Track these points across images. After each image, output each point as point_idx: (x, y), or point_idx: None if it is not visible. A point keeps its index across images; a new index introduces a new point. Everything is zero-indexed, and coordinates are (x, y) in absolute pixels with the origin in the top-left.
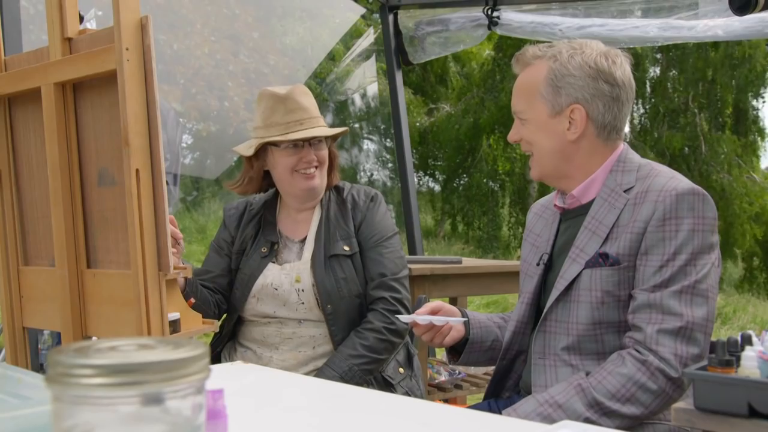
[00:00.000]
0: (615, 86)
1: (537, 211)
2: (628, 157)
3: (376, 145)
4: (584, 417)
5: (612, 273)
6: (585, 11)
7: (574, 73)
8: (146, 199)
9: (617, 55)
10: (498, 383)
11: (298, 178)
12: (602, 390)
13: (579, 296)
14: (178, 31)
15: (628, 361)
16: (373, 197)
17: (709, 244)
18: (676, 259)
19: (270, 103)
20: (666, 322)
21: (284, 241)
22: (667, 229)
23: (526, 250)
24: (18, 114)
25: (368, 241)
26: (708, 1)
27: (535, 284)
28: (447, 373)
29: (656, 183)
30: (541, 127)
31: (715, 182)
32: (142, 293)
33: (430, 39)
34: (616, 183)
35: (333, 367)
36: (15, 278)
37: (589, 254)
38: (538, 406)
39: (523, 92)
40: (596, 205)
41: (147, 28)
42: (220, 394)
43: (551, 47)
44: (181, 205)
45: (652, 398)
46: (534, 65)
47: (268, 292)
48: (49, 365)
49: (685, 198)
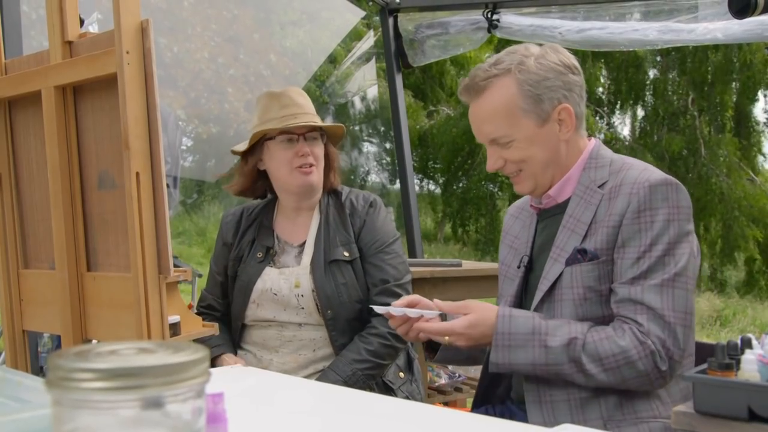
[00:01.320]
0: (579, 74)
1: (513, 213)
2: (600, 153)
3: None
4: (562, 366)
5: (592, 268)
6: (584, 14)
7: (548, 75)
8: (146, 202)
9: (555, 47)
10: (486, 390)
11: (295, 173)
12: (592, 351)
13: (562, 295)
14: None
15: (628, 335)
16: (372, 203)
17: (685, 232)
18: (653, 250)
19: (266, 101)
20: (650, 319)
21: (282, 245)
22: (643, 220)
23: (504, 252)
24: (18, 117)
25: (370, 247)
26: (707, 5)
27: (516, 287)
28: (447, 376)
29: (629, 176)
30: (532, 141)
31: (714, 185)
32: (142, 296)
33: (430, 42)
34: (590, 179)
35: (337, 371)
36: (15, 281)
37: (569, 252)
38: (530, 336)
39: (498, 116)
40: (573, 203)
41: (147, 31)
42: (220, 398)
43: (497, 64)
44: (182, 207)
45: (634, 376)
46: (494, 86)
47: (267, 297)
48: (49, 369)
49: (659, 188)
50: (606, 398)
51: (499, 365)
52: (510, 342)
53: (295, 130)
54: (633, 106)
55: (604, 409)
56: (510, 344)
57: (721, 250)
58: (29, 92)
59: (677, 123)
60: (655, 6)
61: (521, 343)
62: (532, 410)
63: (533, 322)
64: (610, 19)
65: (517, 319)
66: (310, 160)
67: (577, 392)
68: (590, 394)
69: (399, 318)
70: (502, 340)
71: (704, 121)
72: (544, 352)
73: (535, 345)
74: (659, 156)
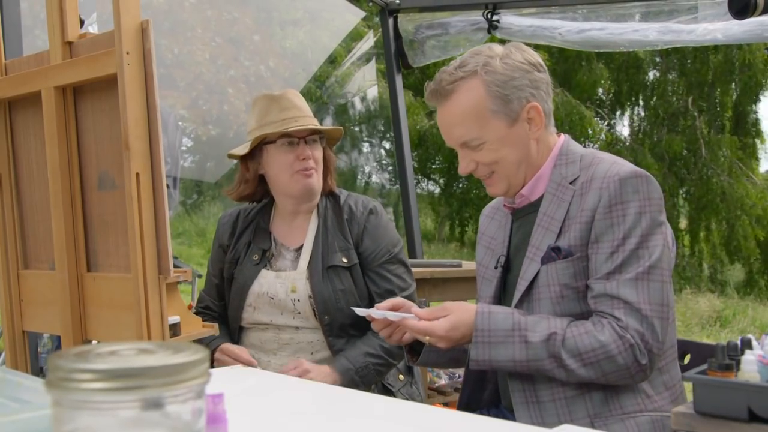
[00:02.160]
0: (544, 72)
1: (488, 214)
2: (570, 148)
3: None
4: (542, 362)
5: (567, 265)
6: (585, 15)
7: (514, 75)
8: (146, 202)
9: (519, 46)
10: (472, 395)
11: (296, 177)
12: (572, 346)
13: (540, 294)
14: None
15: (607, 330)
16: (372, 209)
17: (658, 223)
18: (626, 244)
19: (264, 103)
20: (628, 313)
21: (278, 248)
22: (614, 214)
23: (480, 253)
24: (18, 117)
25: (374, 257)
26: (707, 5)
27: (494, 288)
28: (446, 377)
29: (599, 170)
30: (503, 141)
31: (715, 185)
32: (142, 297)
33: (429, 42)
34: (561, 176)
35: (349, 359)
36: (15, 281)
37: (544, 251)
38: (510, 332)
39: (467, 119)
40: (545, 201)
41: (147, 32)
42: (220, 399)
43: (462, 66)
44: (181, 208)
45: (614, 370)
46: (461, 89)
47: (264, 301)
48: (49, 370)
49: (629, 181)
50: (591, 395)
51: (480, 362)
52: (490, 339)
53: (296, 133)
54: (633, 106)
55: (590, 406)
56: (490, 341)
57: (723, 249)
58: (29, 93)
59: (677, 123)
60: (655, 7)
61: (501, 339)
62: (520, 411)
63: (513, 318)
64: (610, 20)
65: (496, 315)
66: (311, 164)
67: (562, 391)
68: (576, 393)
69: (380, 321)
70: (482, 337)
71: (704, 122)
72: (524, 348)
73: (515, 341)
74: (659, 156)
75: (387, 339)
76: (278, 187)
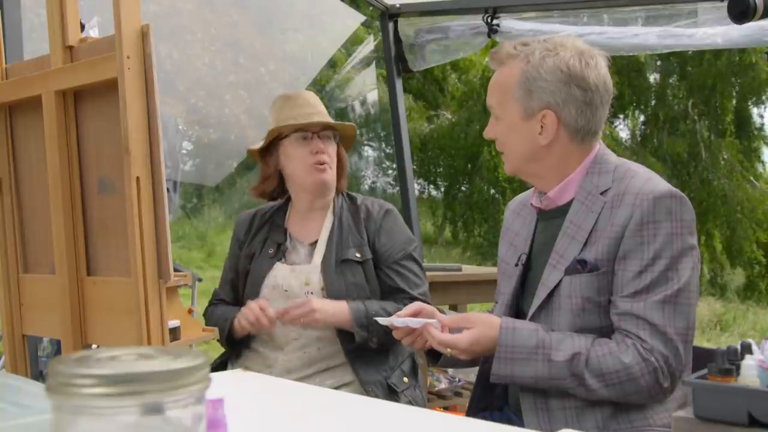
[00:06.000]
0: (588, 90)
1: (515, 209)
2: (604, 157)
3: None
4: (564, 381)
5: (591, 279)
6: (585, 19)
7: (546, 77)
8: (146, 206)
9: (592, 56)
10: (481, 396)
11: (311, 170)
12: (595, 367)
13: (560, 304)
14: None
15: (632, 351)
16: (389, 210)
17: (688, 246)
18: (656, 264)
19: (280, 102)
20: (653, 335)
21: (293, 243)
22: (645, 233)
23: (503, 248)
24: (19, 122)
25: (390, 254)
26: (707, 10)
27: (514, 285)
28: (447, 381)
29: (633, 185)
30: (513, 128)
31: (716, 188)
32: (142, 301)
33: (430, 47)
34: (592, 185)
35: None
36: (15, 286)
37: (568, 260)
38: (534, 350)
39: (497, 91)
40: (574, 208)
41: (148, 36)
42: (220, 404)
43: (526, 45)
44: (182, 212)
45: (635, 391)
46: (508, 65)
47: (278, 293)
48: (49, 375)
49: (663, 201)
50: (602, 408)
51: (501, 377)
52: (513, 355)
53: (308, 127)
54: (634, 110)
55: (599, 418)
56: (513, 357)
57: (724, 253)
58: (30, 97)
59: (678, 127)
60: (655, 11)
61: (525, 356)
62: (529, 417)
63: (537, 335)
64: (610, 24)
65: (521, 332)
66: (325, 158)
67: (573, 401)
68: (586, 404)
69: (402, 329)
70: (505, 353)
71: (704, 126)
72: (547, 366)
73: (539, 359)
74: (661, 159)
75: (409, 346)
76: (294, 181)
